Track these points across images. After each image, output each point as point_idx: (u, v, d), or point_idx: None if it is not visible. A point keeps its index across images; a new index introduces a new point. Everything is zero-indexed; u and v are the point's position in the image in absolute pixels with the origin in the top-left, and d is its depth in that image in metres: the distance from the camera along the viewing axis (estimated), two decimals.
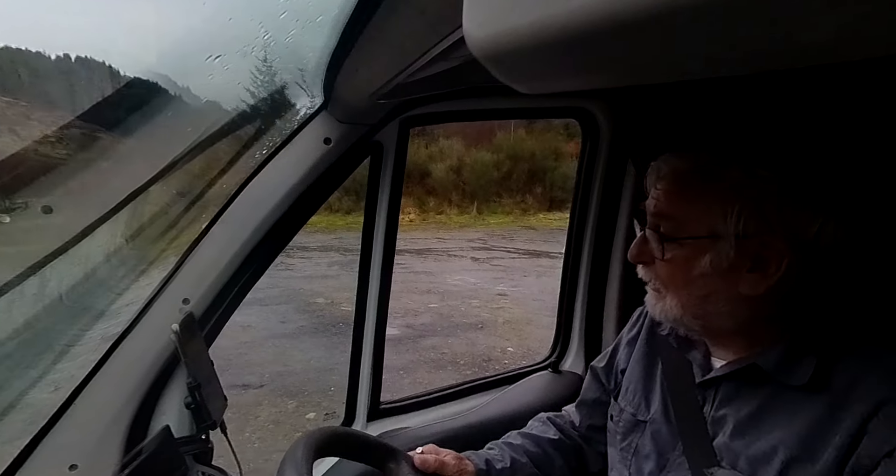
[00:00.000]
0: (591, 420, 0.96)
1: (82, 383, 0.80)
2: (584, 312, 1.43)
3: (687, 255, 0.68)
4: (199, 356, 0.85)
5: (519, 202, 13.04)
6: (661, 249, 0.69)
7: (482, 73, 0.31)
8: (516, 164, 13.21)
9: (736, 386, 0.70)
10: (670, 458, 0.75)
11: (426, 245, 9.49)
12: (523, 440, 0.94)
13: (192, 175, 0.98)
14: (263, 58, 0.89)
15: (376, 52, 0.64)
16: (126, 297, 0.90)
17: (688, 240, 0.67)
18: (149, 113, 1.14)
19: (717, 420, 0.70)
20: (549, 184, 13.16)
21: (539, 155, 13.37)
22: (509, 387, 1.37)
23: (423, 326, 5.33)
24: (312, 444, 0.69)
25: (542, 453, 0.92)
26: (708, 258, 0.66)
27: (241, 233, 0.91)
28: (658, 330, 0.84)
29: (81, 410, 0.80)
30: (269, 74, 0.96)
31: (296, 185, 0.94)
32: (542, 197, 13.10)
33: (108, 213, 0.82)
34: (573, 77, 0.28)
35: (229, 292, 0.91)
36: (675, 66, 0.22)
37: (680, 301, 0.70)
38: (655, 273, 0.72)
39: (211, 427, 0.83)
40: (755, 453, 0.64)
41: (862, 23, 0.15)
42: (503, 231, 11.22)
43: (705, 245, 0.66)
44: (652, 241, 0.72)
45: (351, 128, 0.96)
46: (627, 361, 0.89)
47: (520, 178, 13.19)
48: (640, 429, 0.80)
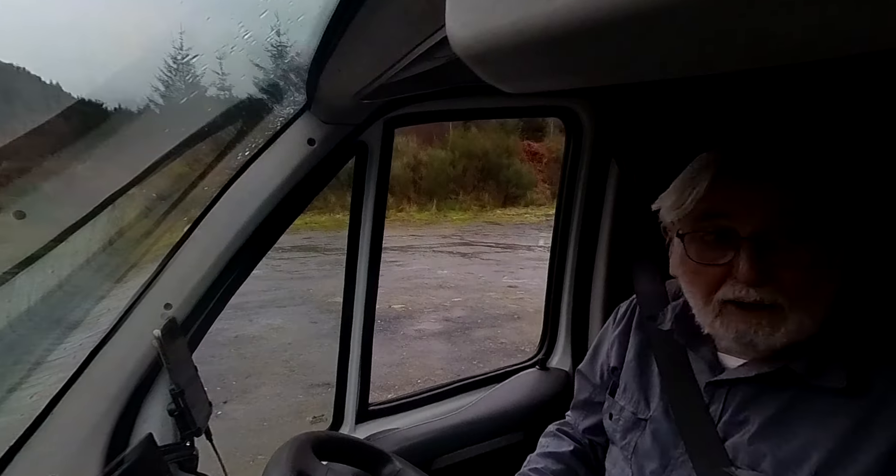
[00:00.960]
0: (587, 421, 0.96)
1: (61, 392, 0.78)
2: (570, 310, 1.44)
3: (816, 254, 0.59)
4: (183, 362, 0.83)
5: (475, 199, 13.22)
6: (810, 253, 0.58)
7: (466, 73, 0.31)
8: (471, 161, 13.40)
9: (757, 387, 0.66)
10: (672, 457, 0.73)
11: (405, 242, 9.49)
12: (545, 462, 0.93)
13: (172, 178, 0.96)
14: (244, 58, 0.88)
15: (359, 52, 0.63)
16: (104, 304, 0.88)
17: (826, 238, 0.59)
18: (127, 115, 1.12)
19: (736, 422, 0.67)
20: (505, 181, 13.39)
21: (492, 153, 13.60)
22: (497, 385, 1.38)
23: (462, 319, 5.38)
24: (298, 449, 0.68)
25: (566, 469, 0.92)
26: (830, 259, 0.59)
27: (224, 236, 0.89)
28: (655, 325, 0.80)
29: (60, 420, 0.78)
30: (250, 75, 0.94)
31: (279, 187, 0.92)
32: (498, 193, 13.32)
33: (84, 217, 0.80)
34: (556, 77, 0.28)
35: (212, 296, 0.90)
36: (656, 65, 0.22)
37: (817, 314, 0.60)
38: (781, 288, 0.60)
39: (196, 434, 0.81)
40: (784, 456, 0.61)
41: (838, 20, 0.15)
42: (470, 227, 11.37)
43: (828, 246, 0.59)
44: (774, 251, 0.60)
45: (335, 128, 0.95)
46: (620, 359, 0.88)
47: (475, 175, 13.40)
48: (641, 427, 0.79)
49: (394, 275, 6.92)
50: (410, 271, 7.34)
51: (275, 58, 0.89)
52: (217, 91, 1.14)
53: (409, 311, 5.64)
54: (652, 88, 1.10)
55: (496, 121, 13.06)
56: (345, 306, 1.18)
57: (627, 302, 0.93)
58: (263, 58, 0.90)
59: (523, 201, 13.28)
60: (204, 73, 1.04)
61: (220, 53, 0.84)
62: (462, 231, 10.91)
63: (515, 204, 13.05)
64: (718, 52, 0.19)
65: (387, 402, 1.28)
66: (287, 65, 0.88)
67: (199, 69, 1.05)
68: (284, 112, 0.93)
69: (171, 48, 1.24)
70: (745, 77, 0.88)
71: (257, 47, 0.85)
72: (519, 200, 13.26)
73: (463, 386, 1.37)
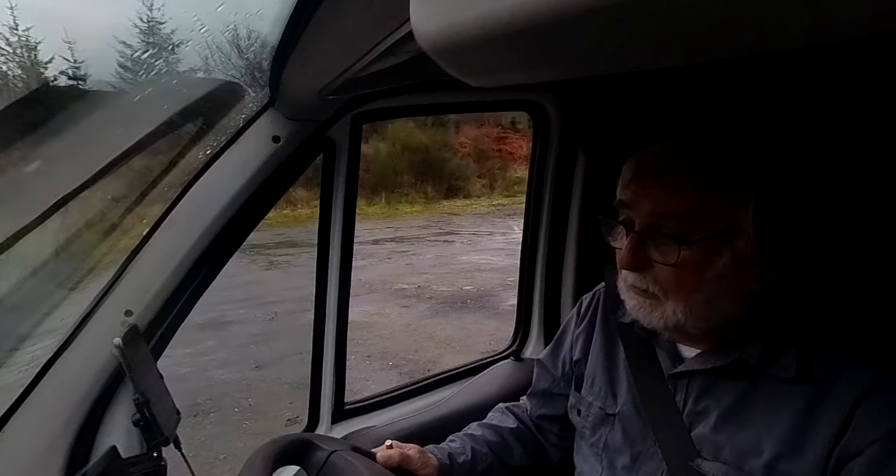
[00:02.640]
0: (543, 410, 0.97)
1: (13, 406, 0.74)
2: (542, 301, 1.46)
3: (701, 256, 0.60)
4: (146, 370, 0.80)
5: (420, 192, 13.45)
6: (676, 253, 0.60)
7: (434, 68, 0.30)
8: (413, 155, 13.69)
9: (713, 378, 0.68)
10: (643, 450, 0.74)
11: (393, 234, 9.60)
12: (483, 431, 0.95)
13: (128, 178, 0.91)
14: (201, 53, 0.84)
15: (323, 46, 0.62)
16: (57, 314, 0.84)
17: (705, 240, 0.60)
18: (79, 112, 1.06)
19: (696, 412, 0.69)
20: (448, 174, 13.90)
21: (432, 147, 14.02)
22: (473, 378, 1.39)
23: None
24: (272, 453, 0.66)
25: (503, 442, 0.93)
26: (726, 258, 0.60)
27: (187, 238, 0.86)
28: (616, 318, 0.81)
29: (16, 432, 0.74)
30: (208, 70, 0.91)
31: (244, 186, 0.90)
32: (441, 186, 13.71)
33: (32, 222, 0.75)
34: (522, 70, 0.28)
35: (176, 302, 0.86)
36: (622, 57, 0.23)
37: (687, 306, 0.63)
38: (654, 279, 0.64)
39: (163, 443, 0.78)
40: (741, 445, 0.64)
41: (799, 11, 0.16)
42: (433, 219, 11.62)
43: (722, 243, 0.60)
44: (652, 245, 0.64)
45: (300, 125, 0.93)
46: (584, 352, 0.88)
47: (418, 168, 13.72)
48: (610, 422, 0.79)
49: (424, 262, 7.18)
50: (433, 259, 7.54)
51: (235, 52, 0.86)
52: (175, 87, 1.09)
53: (483, 291, 5.83)
54: (618, 81, 1.12)
55: (435, 116, 13.17)
56: (317, 305, 1.16)
57: (591, 294, 0.94)
58: (222, 52, 0.87)
59: (462, 193, 13.79)
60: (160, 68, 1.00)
61: (175, 47, 0.80)
62: (430, 222, 11.09)
63: (457, 196, 13.57)
64: (684, 43, 0.19)
65: (362, 400, 1.27)
66: (248, 60, 0.85)
67: (155, 64, 1.01)
68: (246, 109, 0.90)
69: (124, 42, 1.18)
70: (710, 68, 0.90)
71: (216, 42, 0.82)
72: (461, 192, 13.81)
73: (438, 380, 1.38)
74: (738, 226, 0.60)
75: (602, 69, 0.25)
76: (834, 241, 0.70)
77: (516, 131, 15.53)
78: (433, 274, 6.61)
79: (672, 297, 0.64)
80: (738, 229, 0.60)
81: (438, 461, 0.84)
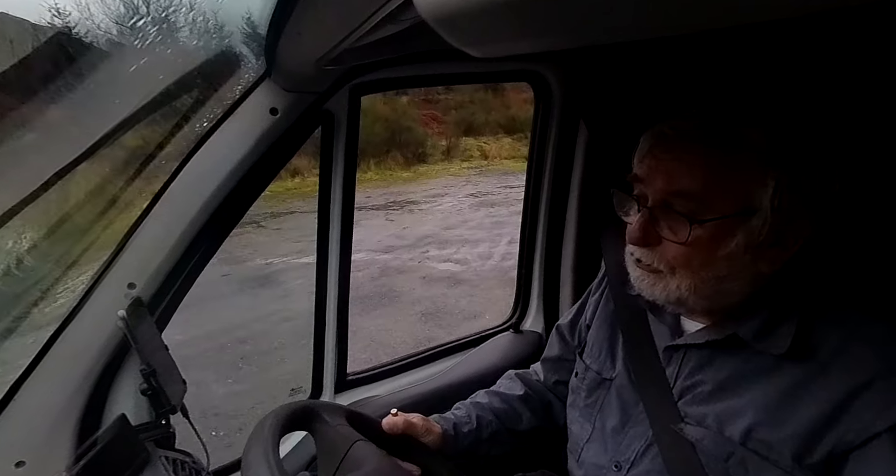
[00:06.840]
0: (557, 376, 1.00)
1: (22, 376, 0.76)
2: (542, 274, 1.47)
3: (713, 235, 0.59)
4: (152, 341, 0.81)
5: (393, 159, 14.12)
6: (687, 231, 0.59)
7: (434, 38, 0.29)
8: (383, 124, 14.31)
9: (710, 352, 0.69)
10: (632, 414, 0.76)
11: (405, 198, 9.96)
12: (490, 398, 0.97)
13: (126, 151, 0.90)
14: (193, 20, 0.82)
15: (320, 14, 0.60)
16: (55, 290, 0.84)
17: (718, 220, 0.58)
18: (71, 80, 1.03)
19: (687, 385, 0.70)
20: (415, 142, 14.82)
21: (393, 118, 14.71)
22: (474, 349, 1.41)
23: None
24: (279, 419, 0.68)
25: (510, 409, 0.95)
26: (739, 238, 0.59)
27: (187, 211, 0.86)
28: (625, 289, 0.81)
29: (25, 404, 0.76)
30: (202, 39, 0.88)
31: (244, 159, 0.89)
32: (411, 153, 14.57)
33: (24, 199, 0.75)
34: (523, 40, 0.27)
35: (179, 274, 0.87)
36: (624, 26, 0.22)
37: (692, 283, 0.62)
38: (661, 255, 0.64)
39: (171, 412, 0.81)
40: (724, 412, 0.65)
41: None
42: (438, 182, 12.16)
43: (736, 223, 0.59)
44: (664, 222, 0.63)
45: (298, 96, 0.91)
46: (593, 318, 0.91)
47: (390, 137, 14.43)
48: (606, 386, 0.82)
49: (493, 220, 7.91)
50: (472, 214, 8.31)
51: (228, 21, 0.84)
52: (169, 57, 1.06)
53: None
54: (620, 51, 1.09)
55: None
56: (318, 275, 1.17)
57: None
58: (217, 20, 0.84)
59: (432, 159, 14.88)
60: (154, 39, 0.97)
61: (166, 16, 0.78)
62: (439, 186, 11.53)
63: (427, 161, 14.65)
64: (686, 11, 0.19)
65: (365, 370, 1.30)
66: (242, 28, 0.83)
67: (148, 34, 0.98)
68: (243, 80, 0.88)
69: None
70: (713, 38, 0.88)
71: (209, 10, 0.79)
72: (429, 158, 14.87)
73: (440, 352, 1.40)
74: (754, 206, 0.58)
75: (606, 38, 0.24)
76: (855, 219, 0.68)
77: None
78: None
79: (679, 272, 0.63)
80: (754, 209, 0.59)
81: (442, 429, 0.86)
